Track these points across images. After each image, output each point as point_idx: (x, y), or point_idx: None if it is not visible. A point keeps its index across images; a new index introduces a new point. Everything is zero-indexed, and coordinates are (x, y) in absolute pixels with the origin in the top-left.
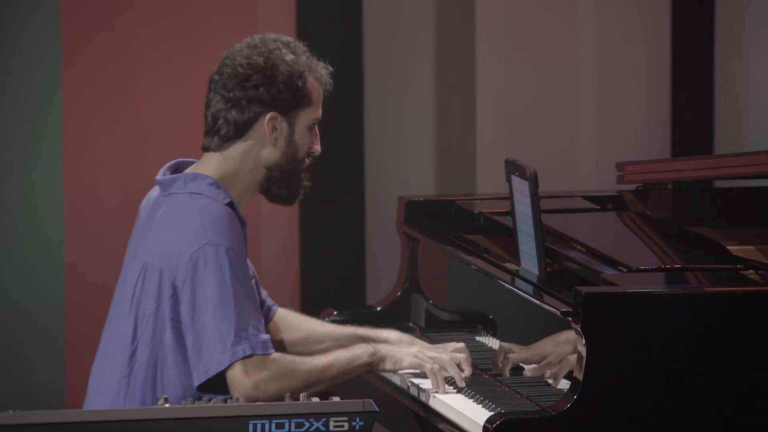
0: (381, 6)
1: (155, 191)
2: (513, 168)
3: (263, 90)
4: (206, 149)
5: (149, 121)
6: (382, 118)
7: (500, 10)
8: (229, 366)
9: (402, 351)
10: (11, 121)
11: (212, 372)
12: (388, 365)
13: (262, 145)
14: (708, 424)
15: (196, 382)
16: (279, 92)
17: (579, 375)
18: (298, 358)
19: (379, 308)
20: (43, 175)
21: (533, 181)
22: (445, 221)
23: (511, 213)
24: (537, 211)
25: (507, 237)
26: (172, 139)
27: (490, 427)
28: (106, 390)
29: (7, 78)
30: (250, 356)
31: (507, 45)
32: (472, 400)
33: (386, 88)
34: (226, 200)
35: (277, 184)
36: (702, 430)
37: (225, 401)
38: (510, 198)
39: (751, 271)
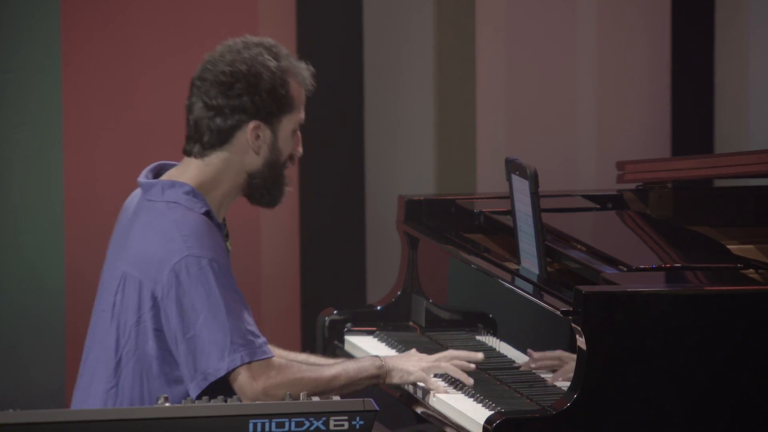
0: (381, 6)
1: (138, 192)
2: (513, 167)
3: (247, 99)
4: (187, 154)
5: (149, 121)
6: (382, 118)
7: (500, 9)
8: (234, 373)
9: (409, 363)
10: (11, 121)
11: (211, 379)
12: (395, 378)
13: (245, 153)
14: (708, 424)
15: (195, 390)
16: (262, 100)
17: (579, 374)
18: (305, 366)
19: (379, 308)
20: (43, 175)
21: (533, 180)
22: (445, 220)
23: (511, 212)
24: (537, 210)
25: (507, 236)
26: (172, 139)
27: (489, 426)
28: (93, 399)
29: (6, 77)
30: (250, 362)
31: (507, 44)
32: (472, 399)
33: (386, 88)
34: (203, 209)
35: (259, 190)
36: (702, 429)
37: (225, 400)
38: (510, 197)
39: (751, 270)
